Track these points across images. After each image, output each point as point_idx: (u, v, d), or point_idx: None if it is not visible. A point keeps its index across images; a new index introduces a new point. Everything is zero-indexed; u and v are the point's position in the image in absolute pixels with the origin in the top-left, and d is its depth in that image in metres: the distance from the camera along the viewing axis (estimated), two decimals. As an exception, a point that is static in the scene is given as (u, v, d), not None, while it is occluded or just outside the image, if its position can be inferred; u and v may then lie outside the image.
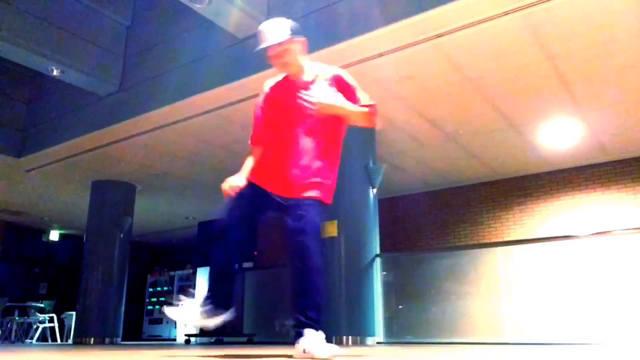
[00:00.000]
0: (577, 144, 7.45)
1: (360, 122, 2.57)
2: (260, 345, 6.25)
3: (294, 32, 2.55)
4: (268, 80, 2.72)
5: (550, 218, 8.35)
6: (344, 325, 5.83)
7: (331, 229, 6.09)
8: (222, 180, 2.56)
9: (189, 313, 2.46)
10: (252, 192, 2.50)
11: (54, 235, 13.05)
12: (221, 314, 2.43)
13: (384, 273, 6.28)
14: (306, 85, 2.56)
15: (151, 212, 11.00)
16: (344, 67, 5.46)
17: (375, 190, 6.43)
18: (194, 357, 2.74)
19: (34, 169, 8.47)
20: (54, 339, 10.61)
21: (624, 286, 5.06)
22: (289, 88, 2.60)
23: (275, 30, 2.51)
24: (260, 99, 2.69)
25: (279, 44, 2.49)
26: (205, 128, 6.91)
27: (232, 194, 2.49)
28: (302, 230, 2.33)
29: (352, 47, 5.08)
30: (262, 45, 2.49)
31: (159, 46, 6.88)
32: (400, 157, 7.94)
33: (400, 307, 6.27)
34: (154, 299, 13.01)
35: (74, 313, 9.36)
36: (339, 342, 5.77)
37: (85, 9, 6.96)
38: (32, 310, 10.53)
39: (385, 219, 7.26)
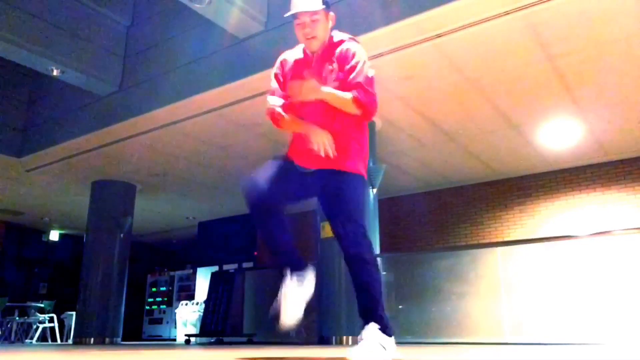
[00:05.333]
0: (577, 144, 7.45)
1: (345, 109, 2.28)
2: (260, 346, 6.25)
3: (327, 6, 2.40)
4: (287, 52, 2.53)
5: (550, 218, 8.35)
6: (344, 325, 5.83)
7: (331, 229, 6.09)
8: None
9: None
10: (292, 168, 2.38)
11: (54, 235, 13.05)
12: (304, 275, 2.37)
13: (384, 273, 6.28)
14: (319, 65, 2.38)
15: (151, 212, 11.01)
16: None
17: (375, 190, 6.43)
18: (194, 357, 2.75)
19: (34, 169, 8.47)
20: (54, 339, 10.61)
21: (624, 286, 5.05)
22: (305, 66, 2.40)
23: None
24: (277, 70, 2.47)
25: (312, 12, 2.32)
26: (205, 128, 6.91)
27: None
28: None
29: (352, 47, 5.08)
30: (294, 10, 2.31)
31: (159, 46, 6.88)
32: (400, 157, 7.94)
33: (400, 307, 6.26)
34: (158, 299, 13.02)
35: (74, 313, 9.36)
36: (339, 342, 5.77)
37: (85, 9, 6.96)
38: (32, 310, 10.53)
39: (385, 219, 7.26)
